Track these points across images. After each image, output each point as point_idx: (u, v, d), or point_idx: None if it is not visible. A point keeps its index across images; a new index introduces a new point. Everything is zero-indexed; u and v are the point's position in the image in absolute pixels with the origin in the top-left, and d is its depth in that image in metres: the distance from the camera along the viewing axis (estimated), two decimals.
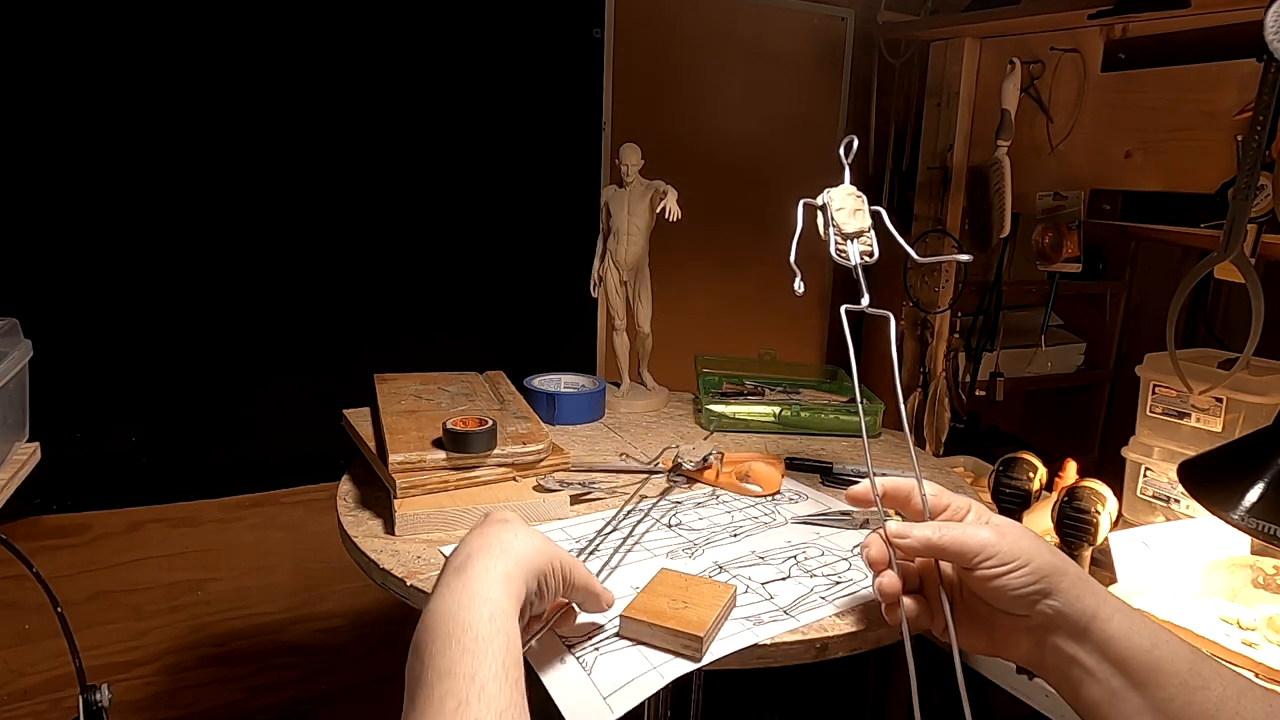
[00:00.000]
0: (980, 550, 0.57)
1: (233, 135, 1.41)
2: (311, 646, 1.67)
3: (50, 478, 1.20)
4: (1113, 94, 1.42)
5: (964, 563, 0.59)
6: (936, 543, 0.59)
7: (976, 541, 0.58)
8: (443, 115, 1.56)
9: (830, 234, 0.79)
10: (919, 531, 0.60)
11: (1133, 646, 0.56)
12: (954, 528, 0.60)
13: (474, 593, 0.55)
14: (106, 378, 1.39)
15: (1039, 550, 0.58)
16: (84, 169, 1.31)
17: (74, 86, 1.28)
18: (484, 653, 0.52)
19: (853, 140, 0.81)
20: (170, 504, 1.49)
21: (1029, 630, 0.59)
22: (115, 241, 1.36)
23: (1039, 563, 0.57)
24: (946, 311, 1.77)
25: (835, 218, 0.79)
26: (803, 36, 1.93)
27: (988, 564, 0.57)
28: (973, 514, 0.63)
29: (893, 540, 0.61)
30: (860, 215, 0.79)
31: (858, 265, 0.77)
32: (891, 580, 0.61)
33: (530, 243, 1.69)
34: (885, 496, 0.65)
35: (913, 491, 0.64)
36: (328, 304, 1.54)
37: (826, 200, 0.80)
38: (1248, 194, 1.04)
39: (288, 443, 1.55)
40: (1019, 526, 0.60)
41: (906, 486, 0.65)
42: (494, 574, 0.57)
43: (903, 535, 0.60)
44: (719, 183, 1.87)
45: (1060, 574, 0.58)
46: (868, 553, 0.62)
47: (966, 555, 0.58)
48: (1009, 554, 0.57)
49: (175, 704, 1.56)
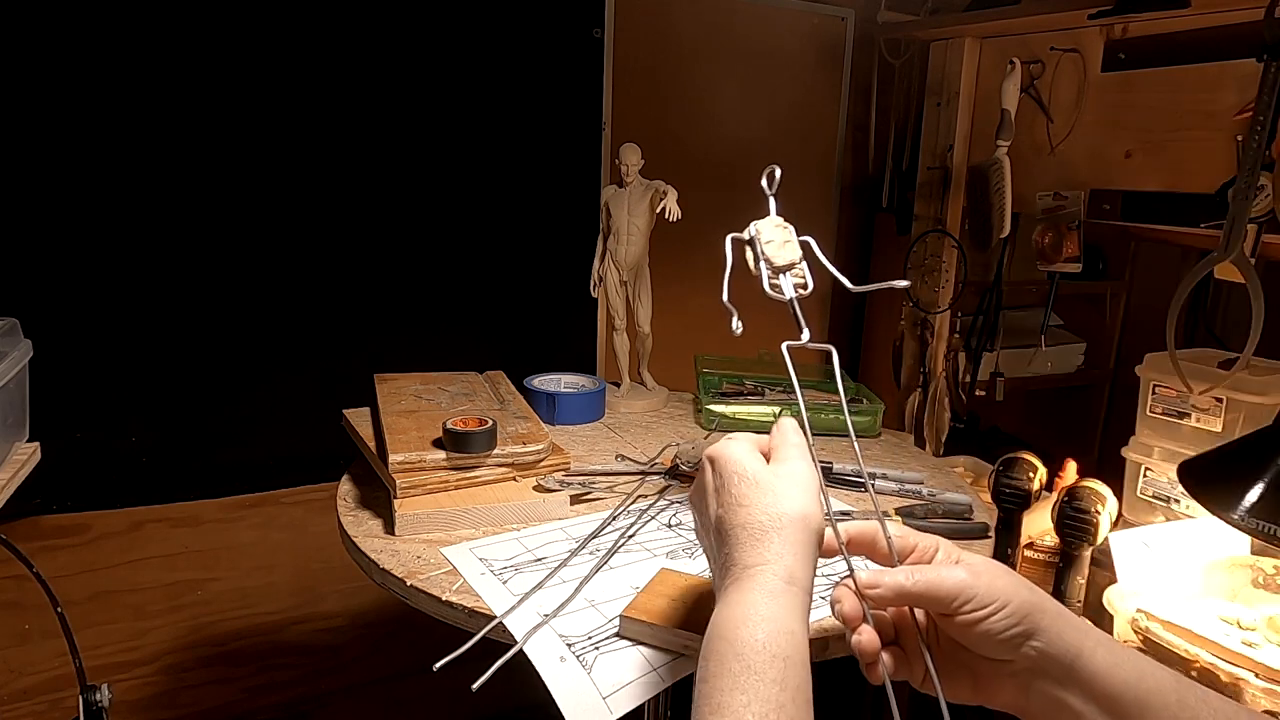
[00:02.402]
0: (957, 594, 0.54)
1: (233, 136, 1.41)
2: (311, 646, 1.67)
3: (50, 478, 1.20)
4: (1113, 94, 1.42)
5: (941, 608, 0.55)
6: (910, 590, 0.55)
7: (952, 584, 0.54)
8: (443, 116, 1.56)
9: (761, 269, 0.76)
10: (890, 579, 0.56)
11: (1119, 682, 0.54)
12: (926, 571, 0.56)
13: (753, 607, 0.53)
14: (106, 378, 1.39)
15: (1016, 588, 0.55)
16: (84, 169, 1.31)
17: (74, 87, 1.28)
18: (754, 687, 0.49)
19: (774, 170, 0.78)
20: (170, 504, 1.49)
21: (1013, 675, 0.56)
22: (115, 241, 1.36)
23: (1018, 602, 0.54)
24: (946, 311, 1.77)
25: (765, 251, 0.76)
26: (803, 36, 1.93)
27: (966, 608, 0.54)
28: (941, 552, 0.59)
29: (864, 592, 0.56)
30: (790, 247, 0.76)
31: (793, 300, 0.74)
32: (870, 639, 0.56)
33: (530, 243, 1.69)
34: (849, 544, 0.60)
35: (876, 534, 0.60)
36: (328, 304, 1.54)
37: (754, 234, 0.77)
38: (1248, 194, 1.04)
39: (288, 443, 1.55)
40: (991, 563, 0.57)
41: (870, 531, 0.60)
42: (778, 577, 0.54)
43: (873, 585, 0.56)
44: (719, 183, 1.87)
45: (1040, 611, 0.55)
46: (840, 609, 0.57)
47: (943, 600, 0.54)
48: (986, 595, 0.54)
49: (175, 704, 1.56)
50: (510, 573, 0.82)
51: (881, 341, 2.04)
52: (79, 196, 1.32)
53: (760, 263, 0.76)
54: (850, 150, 2.04)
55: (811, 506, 0.58)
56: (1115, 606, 1.02)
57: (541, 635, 0.72)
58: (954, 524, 0.98)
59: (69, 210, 1.32)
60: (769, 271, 0.75)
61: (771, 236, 0.77)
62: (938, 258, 1.76)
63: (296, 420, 1.54)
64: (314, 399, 1.52)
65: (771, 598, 0.54)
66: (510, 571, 0.83)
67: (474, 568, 0.83)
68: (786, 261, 0.76)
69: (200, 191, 1.40)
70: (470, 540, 0.89)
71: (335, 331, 1.55)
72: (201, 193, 1.40)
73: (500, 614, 0.74)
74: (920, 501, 1.05)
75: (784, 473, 0.60)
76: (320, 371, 1.54)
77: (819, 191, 2.03)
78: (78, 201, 1.32)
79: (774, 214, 0.78)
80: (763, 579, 0.55)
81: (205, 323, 1.45)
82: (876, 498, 0.60)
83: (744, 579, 0.55)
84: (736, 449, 0.62)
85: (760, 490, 0.59)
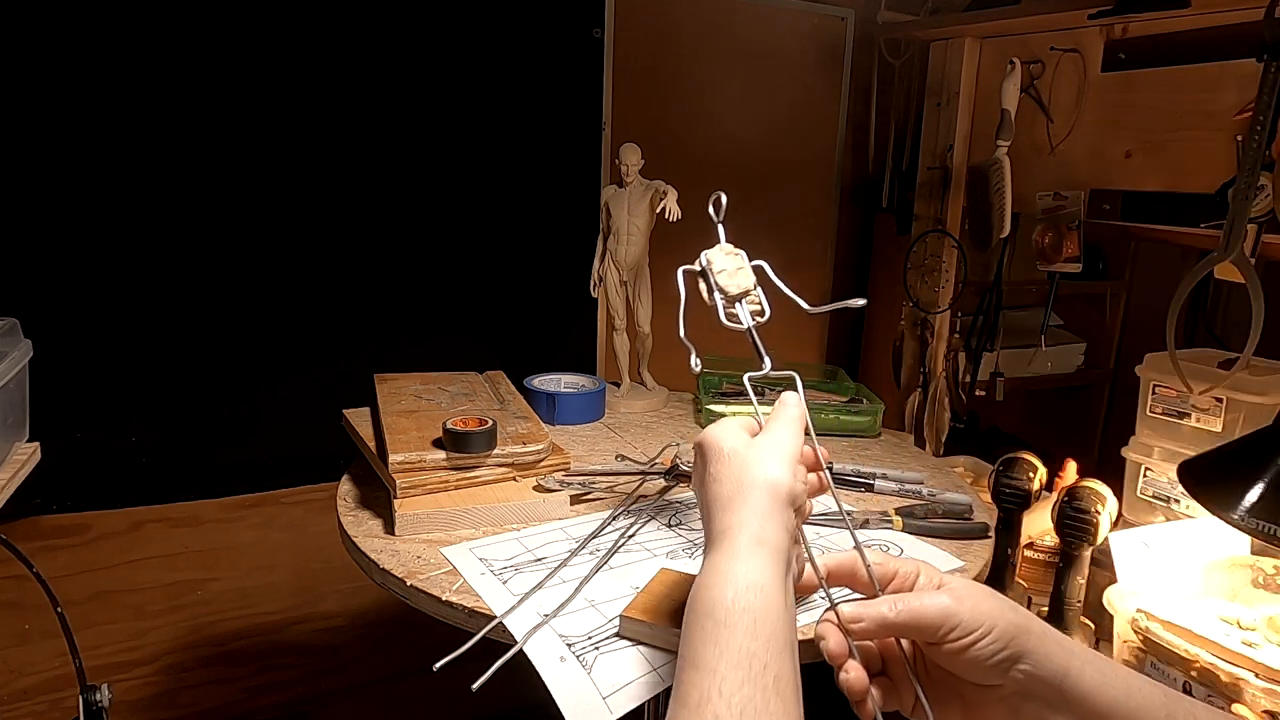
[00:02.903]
0: (941, 622, 0.53)
1: (233, 137, 1.41)
2: (311, 646, 1.67)
3: (50, 478, 1.20)
4: (1113, 94, 1.42)
5: (926, 637, 0.55)
6: (894, 621, 0.54)
7: (935, 612, 0.54)
8: (443, 115, 1.56)
9: (716, 300, 0.75)
10: (873, 611, 0.55)
11: (1108, 700, 0.54)
12: (909, 600, 0.55)
13: (720, 570, 0.54)
14: (106, 378, 1.39)
15: (1001, 611, 0.54)
16: (84, 169, 1.31)
17: (75, 87, 1.28)
18: (725, 640, 0.50)
19: (720, 196, 0.77)
20: (170, 504, 1.49)
21: (1002, 699, 0.56)
22: (115, 241, 1.36)
23: (1003, 625, 0.54)
24: (946, 311, 1.77)
25: (718, 281, 0.75)
26: (803, 36, 1.93)
27: (952, 636, 0.53)
28: (922, 577, 0.58)
29: (848, 627, 0.55)
30: (743, 273, 0.75)
31: (751, 328, 0.73)
32: (859, 677, 0.55)
33: (530, 243, 1.69)
34: (830, 577, 0.60)
35: (856, 564, 0.59)
36: (328, 304, 1.54)
37: (705, 264, 0.76)
38: (1248, 194, 1.04)
39: (288, 443, 1.55)
40: (973, 586, 0.56)
41: (849, 562, 0.60)
42: (743, 540, 0.55)
43: (857, 619, 0.55)
44: (719, 183, 1.86)
45: (1026, 633, 0.54)
46: (825, 646, 0.56)
47: (927, 629, 0.54)
48: (971, 622, 0.53)
49: (175, 704, 1.56)
50: (510, 573, 0.82)
51: (881, 341, 2.04)
52: (79, 197, 1.32)
53: (715, 293, 0.75)
54: (850, 150, 2.04)
55: (780, 473, 0.59)
56: (1115, 606, 1.02)
57: (541, 635, 0.72)
58: (954, 524, 0.98)
59: (69, 210, 1.32)
60: (724, 301, 0.75)
61: (724, 265, 0.76)
62: (938, 258, 1.76)
63: (296, 420, 1.54)
64: (314, 399, 1.52)
65: (738, 558, 0.55)
66: (510, 571, 0.83)
67: (474, 568, 0.83)
68: (741, 289, 0.75)
69: (200, 192, 1.40)
70: (470, 540, 0.89)
71: (335, 331, 1.55)
72: (201, 193, 1.40)
73: (500, 614, 0.74)
74: (920, 501, 1.05)
75: (761, 442, 0.62)
76: (320, 371, 1.54)
77: (819, 191, 2.03)
78: (78, 202, 1.32)
79: (724, 241, 0.77)
80: (730, 542, 0.56)
81: (205, 323, 1.45)
82: (855, 527, 0.60)
83: (715, 545, 0.57)
84: (720, 429, 0.64)
85: (732, 464, 0.60)
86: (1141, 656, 0.98)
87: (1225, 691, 0.88)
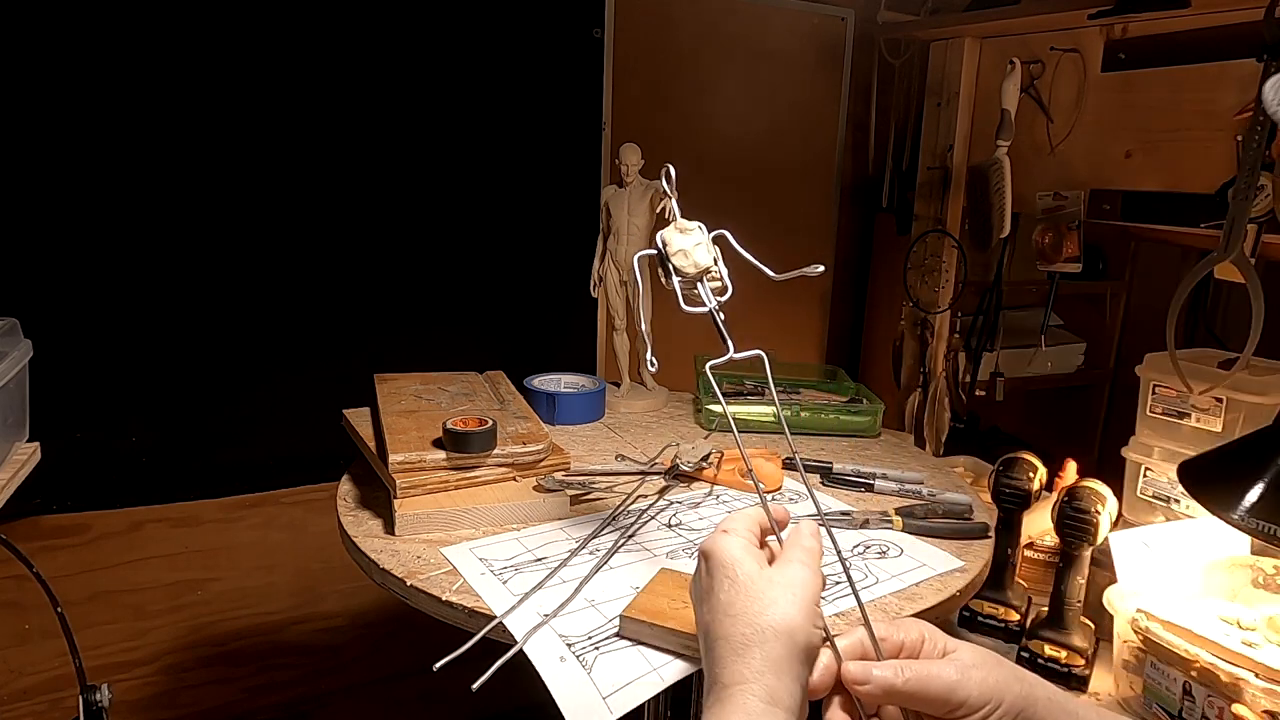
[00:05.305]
0: (948, 697, 0.52)
1: (233, 137, 1.41)
2: (311, 646, 1.67)
3: (50, 478, 1.20)
4: (1113, 94, 1.42)
5: (931, 710, 0.53)
6: (900, 689, 0.53)
7: (941, 686, 0.52)
8: (443, 115, 1.56)
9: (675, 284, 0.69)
10: (879, 674, 0.53)
11: None
12: (916, 668, 0.54)
13: None
14: (106, 378, 1.39)
15: (1008, 682, 0.53)
16: (84, 169, 1.31)
17: (75, 88, 1.28)
18: None
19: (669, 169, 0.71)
20: (170, 504, 1.49)
21: None
22: (115, 241, 1.36)
23: (1010, 699, 0.52)
24: (946, 311, 1.77)
25: (675, 264, 0.69)
26: (803, 36, 1.93)
27: (958, 713, 0.52)
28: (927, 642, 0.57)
29: (850, 686, 0.54)
30: (701, 250, 0.70)
31: (714, 309, 0.68)
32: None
33: (530, 243, 1.69)
34: None
35: (865, 645, 0.57)
36: (328, 304, 1.54)
37: (661, 245, 0.70)
38: (1248, 194, 1.04)
39: (288, 443, 1.55)
40: (979, 654, 0.55)
41: (857, 644, 0.57)
42: (755, 701, 0.51)
43: (861, 680, 0.54)
44: (718, 182, 1.87)
45: (1032, 703, 0.53)
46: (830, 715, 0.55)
47: (935, 703, 0.53)
48: (979, 699, 0.52)
49: (175, 704, 1.56)
50: (510, 573, 0.82)
51: (881, 341, 2.04)
52: (79, 197, 1.32)
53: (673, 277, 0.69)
54: (850, 150, 2.04)
55: (799, 618, 0.54)
56: (1115, 606, 1.02)
57: (541, 635, 0.72)
58: (954, 524, 0.98)
59: (69, 210, 1.32)
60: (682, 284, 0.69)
61: (680, 244, 0.70)
62: (938, 258, 1.76)
63: (296, 420, 1.54)
64: (314, 399, 1.52)
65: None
66: (510, 571, 0.83)
67: (474, 568, 0.83)
68: (700, 268, 0.69)
69: (200, 192, 1.40)
70: (470, 540, 0.89)
71: (335, 331, 1.55)
72: (202, 193, 1.40)
73: (500, 614, 0.74)
74: (920, 501, 1.05)
75: (779, 579, 0.56)
76: (320, 371, 1.54)
77: (819, 191, 2.03)
78: (78, 202, 1.32)
79: (679, 218, 0.72)
80: (742, 700, 0.52)
81: (205, 323, 1.45)
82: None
83: (724, 699, 0.52)
84: (730, 546, 0.58)
85: (747, 597, 0.55)
86: (1141, 656, 0.98)
87: (1225, 691, 0.88)
